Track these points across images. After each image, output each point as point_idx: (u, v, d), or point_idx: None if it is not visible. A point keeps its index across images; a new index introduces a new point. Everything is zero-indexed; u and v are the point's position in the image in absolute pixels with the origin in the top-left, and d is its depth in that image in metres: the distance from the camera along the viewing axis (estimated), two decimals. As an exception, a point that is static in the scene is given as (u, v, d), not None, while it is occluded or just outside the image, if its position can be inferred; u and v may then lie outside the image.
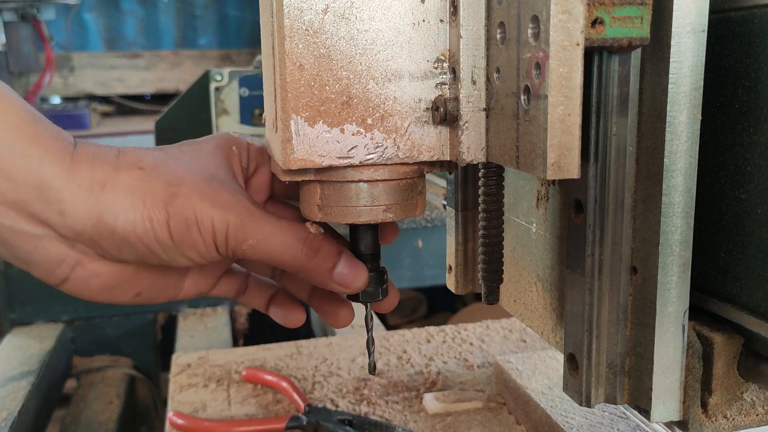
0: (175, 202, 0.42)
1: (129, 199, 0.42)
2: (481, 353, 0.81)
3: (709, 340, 0.36)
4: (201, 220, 0.42)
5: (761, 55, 0.33)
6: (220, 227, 0.42)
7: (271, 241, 0.43)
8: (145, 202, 0.42)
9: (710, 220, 0.37)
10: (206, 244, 0.43)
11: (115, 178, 0.42)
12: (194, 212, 0.42)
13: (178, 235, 0.42)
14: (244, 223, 0.43)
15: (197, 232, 0.42)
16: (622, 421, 0.58)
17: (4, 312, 1.19)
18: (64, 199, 0.41)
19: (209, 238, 0.43)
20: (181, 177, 0.43)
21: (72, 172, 0.41)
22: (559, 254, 0.44)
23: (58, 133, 0.43)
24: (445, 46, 0.39)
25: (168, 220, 0.42)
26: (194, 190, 0.43)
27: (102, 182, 0.42)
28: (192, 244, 0.43)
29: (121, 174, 0.42)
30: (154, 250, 0.43)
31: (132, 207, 0.41)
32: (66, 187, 0.41)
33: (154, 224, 0.42)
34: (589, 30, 0.32)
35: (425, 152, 0.41)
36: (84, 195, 0.41)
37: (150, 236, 0.42)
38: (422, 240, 1.27)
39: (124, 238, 0.42)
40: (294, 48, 0.38)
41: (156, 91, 3.03)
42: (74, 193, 0.41)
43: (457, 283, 0.57)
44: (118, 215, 0.41)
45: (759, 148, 0.34)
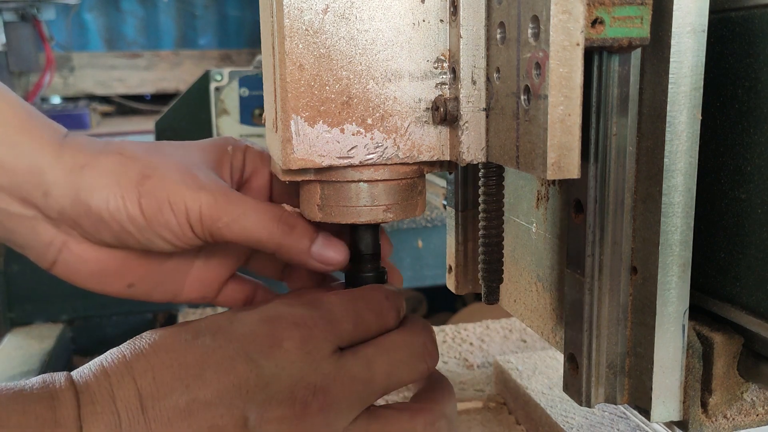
0: (147, 182, 0.43)
1: (105, 179, 0.43)
2: (481, 353, 0.81)
3: (709, 340, 0.36)
4: (173, 200, 0.43)
5: (761, 55, 0.33)
6: (193, 206, 0.43)
7: (246, 219, 0.44)
8: (119, 182, 0.43)
9: (710, 220, 0.37)
10: (180, 224, 0.43)
11: (96, 160, 0.43)
12: (167, 193, 0.43)
13: (150, 214, 0.43)
14: (217, 202, 0.43)
15: (170, 212, 0.43)
16: (622, 421, 0.58)
17: (4, 312, 1.18)
18: (49, 180, 0.43)
19: (183, 218, 0.43)
20: (158, 163, 0.44)
21: (58, 157, 0.43)
22: (559, 254, 0.44)
23: (50, 125, 0.45)
24: (445, 46, 0.39)
25: (139, 199, 0.43)
26: (169, 173, 0.44)
27: (82, 164, 0.43)
28: (165, 223, 0.43)
29: (102, 158, 0.44)
30: (128, 229, 0.44)
31: (106, 186, 0.43)
32: (51, 170, 0.43)
33: (126, 202, 0.43)
34: (589, 30, 0.32)
35: (425, 152, 0.41)
36: (65, 175, 0.43)
37: (122, 214, 0.43)
38: (422, 240, 1.27)
39: (98, 216, 0.43)
40: (294, 48, 0.38)
41: (156, 91, 3.03)
42: (57, 175, 0.43)
43: (457, 283, 0.57)
44: (92, 193, 0.43)
45: (759, 148, 0.34)
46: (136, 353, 0.38)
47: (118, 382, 0.37)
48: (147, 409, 0.36)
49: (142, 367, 0.37)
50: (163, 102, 2.67)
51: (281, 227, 0.44)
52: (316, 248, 0.45)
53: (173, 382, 0.37)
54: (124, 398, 0.36)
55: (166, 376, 0.37)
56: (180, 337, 0.39)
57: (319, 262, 0.45)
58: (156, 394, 0.36)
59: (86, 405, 0.35)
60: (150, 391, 0.36)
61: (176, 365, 0.37)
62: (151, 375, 0.37)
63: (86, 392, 0.36)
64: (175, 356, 0.38)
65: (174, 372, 0.37)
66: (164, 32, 3.12)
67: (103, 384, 0.36)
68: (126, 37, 3.07)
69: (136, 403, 0.36)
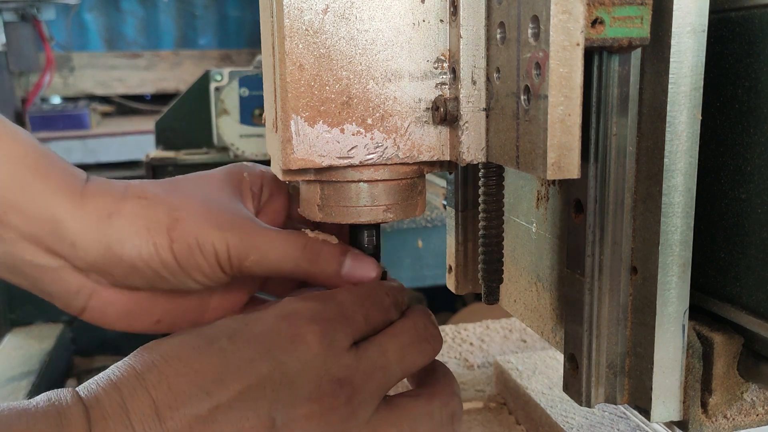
0: (177, 226, 0.43)
1: (134, 227, 0.43)
2: (481, 353, 0.81)
3: (709, 340, 0.36)
4: (202, 243, 0.43)
5: (761, 55, 0.33)
6: (221, 248, 0.43)
7: (271, 253, 0.44)
8: (149, 228, 0.43)
9: (710, 220, 0.37)
10: (210, 266, 0.43)
11: (121, 208, 0.43)
12: (195, 236, 0.43)
13: (182, 259, 0.43)
14: (242, 241, 0.43)
15: (200, 255, 0.43)
16: (622, 421, 0.58)
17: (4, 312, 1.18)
18: (75, 231, 0.42)
19: (212, 260, 0.43)
20: (182, 203, 0.44)
21: (82, 206, 0.43)
22: (559, 254, 0.44)
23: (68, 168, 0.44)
24: (445, 46, 0.39)
25: (171, 245, 0.43)
26: (194, 214, 0.44)
27: (109, 213, 0.43)
28: (197, 266, 0.43)
29: (127, 204, 0.43)
30: (162, 275, 0.44)
31: (137, 234, 0.43)
32: (76, 220, 0.42)
33: (159, 249, 0.43)
34: (589, 30, 0.32)
35: (425, 152, 0.41)
36: (92, 226, 0.42)
37: (155, 261, 0.43)
38: (422, 240, 1.27)
39: (131, 265, 0.43)
40: (294, 48, 0.38)
41: (156, 91, 3.03)
42: (83, 225, 0.42)
43: (457, 283, 0.57)
44: (124, 243, 0.42)
45: (759, 148, 0.34)
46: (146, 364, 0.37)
47: (130, 394, 0.35)
48: (165, 419, 0.35)
49: (155, 378, 0.36)
50: (163, 102, 2.67)
51: (307, 257, 0.44)
52: (346, 270, 0.45)
53: (191, 390, 0.36)
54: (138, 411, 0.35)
55: (183, 384, 0.36)
56: (192, 345, 0.38)
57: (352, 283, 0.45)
58: (173, 404, 0.35)
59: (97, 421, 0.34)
60: (166, 400, 0.35)
61: (192, 373, 0.36)
62: (166, 385, 0.35)
63: (96, 407, 0.35)
64: (190, 364, 0.37)
65: (191, 380, 0.36)
66: (164, 32, 3.12)
67: (114, 398, 0.35)
68: (126, 37, 3.07)
69: (152, 414, 0.35)
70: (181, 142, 1.61)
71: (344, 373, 0.38)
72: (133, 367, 0.37)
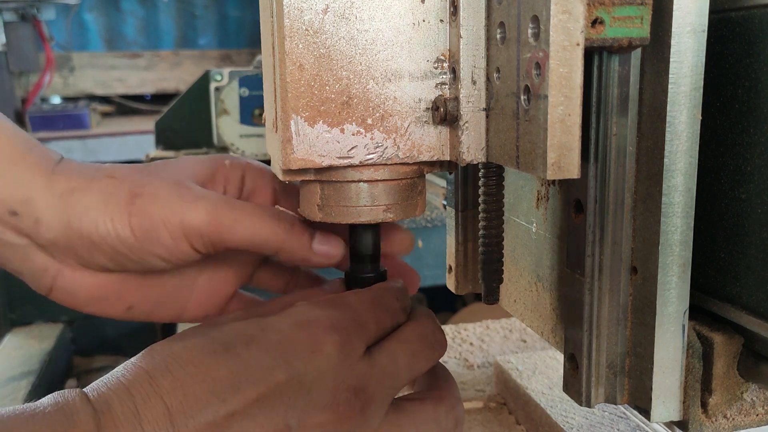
0: (136, 201, 0.43)
1: (93, 202, 0.43)
2: (481, 353, 0.81)
3: (709, 340, 0.36)
4: (167, 216, 0.43)
5: (761, 55, 0.33)
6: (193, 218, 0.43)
7: (248, 220, 0.44)
8: (107, 203, 0.43)
9: (710, 220, 0.37)
10: (174, 239, 0.43)
11: (86, 185, 0.43)
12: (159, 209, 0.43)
13: (141, 233, 0.43)
14: (217, 208, 0.43)
15: (163, 228, 0.43)
16: (622, 421, 0.58)
17: (4, 312, 1.18)
18: (39, 208, 0.42)
19: (177, 233, 0.43)
20: (147, 181, 0.44)
21: (50, 183, 0.43)
22: (559, 254, 0.44)
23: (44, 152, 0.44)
24: (445, 46, 0.39)
25: (129, 218, 0.43)
26: (160, 189, 0.43)
27: (72, 189, 0.43)
28: (157, 240, 0.43)
29: (93, 182, 0.43)
30: (120, 250, 0.43)
31: (95, 208, 0.43)
32: (42, 197, 0.42)
33: (116, 223, 0.43)
34: (589, 30, 0.32)
35: (425, 152, 0.41)
36: (55, 203, 0.43)
37: (112, 236, 0.43)
38: (422, 240, 1.27)
39: (90, 240, 0.43)
40: (294, 48, 0.38)
41: (156, 91, 3.03)
42: (48, 202, 0.42)
43: (457, 283, 0.57)
44: (81, 217, 0.42)
45: (759, 148, 0.34)
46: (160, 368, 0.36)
47: (143, 401, 0.34)
48: (179, 427, 0.34)
49: (169, 384, 0.35)
50: (163, 102, 2.67)
51: (282, 225, 0.45)
52: (315, 244, 0.46)
53: (207, 397, 0.35)
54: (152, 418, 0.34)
55: (198, 391, 0.35)
56: (207, 349, 0.37)
57: (320, 257, 0.46)
58: (188, 411, 0.34)
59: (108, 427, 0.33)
60: (181, 407, 0.34)
61: (208, 380, 0.35)
62: (181, 392, 0.35)
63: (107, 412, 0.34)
64: (205, 370, 0.36)
65: (207, 387, 0.35)
66: (164, 32, 3.12)
67: (126, 403, 0.34)
68: (126, 37, 3.07)
69: (166, 422, 0.34)
70: (181, 142, 1.61)
71: (359, 382, 0.38)
72: (145, 370, 0.36)
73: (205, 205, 0.43)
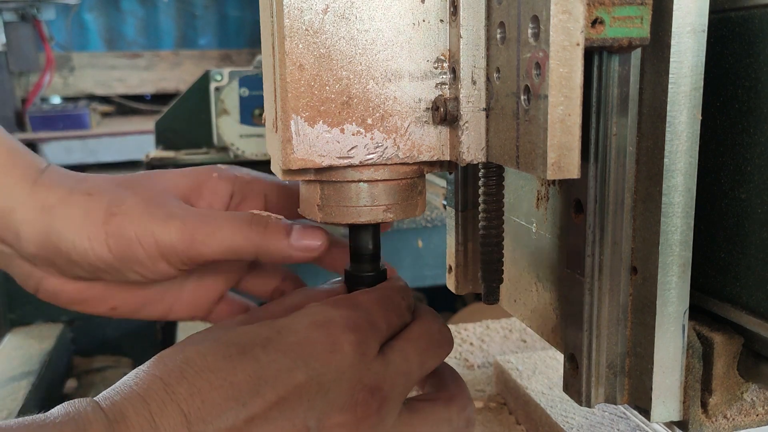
0: (112, 220, 0.43)
1: (70, 220, 0.43)
2: (481, 353, 0.81)
3: (709, 340, 0.36)
4: (141, 235, 0.43)
5: (761, 55, 0.33)
6: (164, 237, 0.43)
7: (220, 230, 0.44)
8: (84, 222, 0.43)
9: (710, 220, 0.37)
10: (150, 258, 0.44)
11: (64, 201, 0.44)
12: (134, 229, 0.43)
13: (118, 252, 0.43)
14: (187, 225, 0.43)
15: (139, 247, 0.43)
16: (622, 421, 0.58)
17: (4, 312, 1.18)
18: (19, 220, 0.43)
19: (153, 251, 0.43)
20: (123, 199, 0.44)
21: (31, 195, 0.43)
22: (559, 254, 0.44)
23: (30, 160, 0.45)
24: (445, 46, 0.39)
25: (106, 239, 0.43)
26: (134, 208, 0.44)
27: (51, 205, 0.43)
28: (134, 259, 0.44)
29: (71, 198, 0.44)
30: (99, 267, 0.44)
31: (72, 227, 0.43)
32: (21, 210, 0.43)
33: (93, 243, 0.43)
34: (589, 30, 0.32)
35: (425, 152, 0.41)
36: (35, 217, 0.43)
37: (90, 255, 0.43)
38: (422, 240, 1.27)
39: (68, 257, 0.44)
40: (294, 48, 0.38)
41: (156, 91, 3.03)
42: (27, 216, 0.43)
43: (457, 283, 0.56)
44: (60, 235, 0.43)
45: (759, 148, 0.34)
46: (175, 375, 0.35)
47: (159, 409, 0.33)
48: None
49: (186, 391, 0.34)
50: (163, 102, 2.67)
51: (255, 228, 0.44)
52: (294, 240, 0.45)
53: (226, 403, 0.34)
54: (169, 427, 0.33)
55: (217, 397, 0.34)
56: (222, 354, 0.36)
57: (300, 251, 0.45)
58: (207, 417, 0.34)
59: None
60: (199, 414, 0.34)
61: (227, 385, 0.35)
62: (200, 399, 0.34)
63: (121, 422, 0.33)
64: (223, 375, 0.35)
65: (225, 392, 0.35)
66: (164, 32, 3.12)
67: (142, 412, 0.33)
68: (126, 37, 3.07)
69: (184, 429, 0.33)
70: (181, 142, 1.61)
71: (375, 381, 0.38)
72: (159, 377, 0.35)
73: (176, 224, 0.43)
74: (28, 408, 0.90)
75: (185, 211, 0.44)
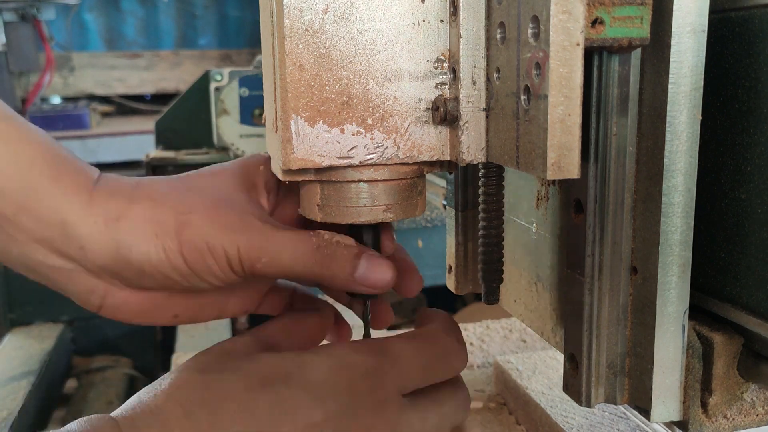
0: (185, 230, 0.43)
1: (142, 232, 0.43)
2: (481, 353, 0.81)
3: (709, 340, 0.36)
4: (212, 246, 0.43)
5: (761, 55, 0.33)
6: (232, 251, 0.43)
7: (282, 255, 0.43)
8: (157, 233, 0.43)
9: (710, 220, 0.37)
10: (221, 268, 0.43)
11: (129, 210, 0.43)
12: (205, 239, 0.43)
13: (192, 263, 0.43)
14: (252, 243, 0.43)
15: (211, 258, 0.43)
16: (622, 421, 0.58)
17: (4, 312, 1.18)
18: (83, 234, 0.42)
19: (223, 263, 0.43)
20: (191, 204, 0.44)
21: (90, 208, 0.43)
22: (559, 254, 0.44)
23: (81, 169, 0.44)
24: (445, 46, 0.39)
25: (181, 249, 0.43)
26: (203, 216, 0.43)
27: (116, 216, 0.43)
28: (208, 269, 0.43)
29: (135, 206, 0.43)
30: (173, 278, 0.44)
31: (145, 239, 0.43)
32: (84, 223, 0.42)
33: (169, 254, 0.43)
34: (589, 30, 0.32)
35: (425, 152, 0.40)
36: (101, 229, 0.42)
37: (165, 266, 0.43)
38: (422, 240, 1.27)
39: (140, 269, 0.43)
40: (294, 48, 0.38)
41: (156, 91, 3.03)
42: (92, 229, 0.42)
43: (457, 283, 0.56)
44: (132, 248, 0.42)
45: (759, 148, 0.34)
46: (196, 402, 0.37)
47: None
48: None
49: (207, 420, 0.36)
50: (163, 102, 2.67)
51: (319, 258, 0.43)
52: (360, 273, 0.44)
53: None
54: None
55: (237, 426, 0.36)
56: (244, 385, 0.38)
57: (365, 286, 0.44)
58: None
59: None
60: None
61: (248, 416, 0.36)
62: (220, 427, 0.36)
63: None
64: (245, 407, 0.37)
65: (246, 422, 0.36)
66: (164, 32, 3.12)
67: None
68: (126, 37, 3.07)
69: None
70: (181, 142, 1.61)
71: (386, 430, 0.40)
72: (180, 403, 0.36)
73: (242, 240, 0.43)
74: (27, 407, 0.90)
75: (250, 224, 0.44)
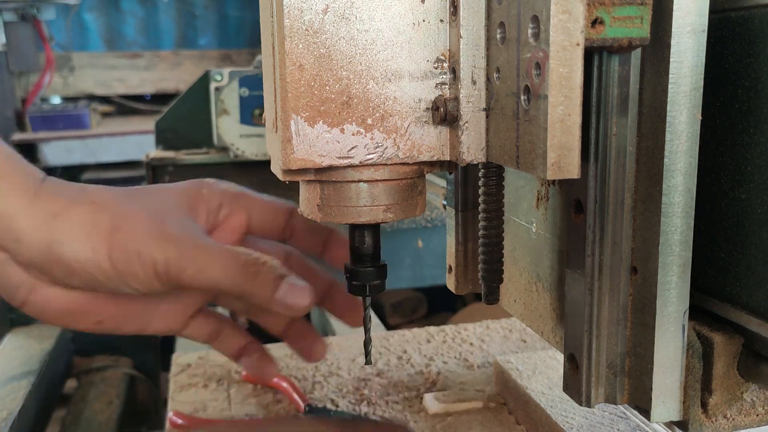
0: (118, 234, 0.44)
1: (75, 230, 0.44)
2: (481, 353, 0.81)
3: (709, 340, 0.36)
4: (142, 252, 0.44)
5: (761, 55, 0.33)
6: (160, 259, 0.44)
7: (210, 268, 0.45)
8: (89, 233, 0.44)
9: (710, 220, 0.37)
10: (146, 275, 0.45)
11: (68, 210, 0.45)
12: (136, 245, 0.44)
13: (119, 266, 0.44)
14: (183, 254, 0.45)
15: (138, 263, 0.44)
16: (622, 421, 0.58)
17: (4, 312, 1.18)
18: (21, 228, 0.44)
19: (149, 269, 0.44)
20: (129, 213, 0.46)
21: (32, 204, 0.44)
22: (559, 254, 0.44)
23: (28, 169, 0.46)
24: (445, 46, 0.39)
25: (110, 251, 0.44)
26: (138, 224, 0.45)
27: (55, 214, 0.44)
28: (133, 274, 0.45)
29: (75, 207, 0.45)
30: (98, 278, 0.45)
31: (77, 237, 0.44)
32: (24, 217, 0.44)
33: (97, 254, 0.44)
34: (589, 30, 0.32)
35: (425, 152, 0.41)
36: (38, 224, 0.44)
37: (92, 265, 0.44)
38: (422, 240, 1.27)
39: (69, 266, 0.44)
40: (294, 48, 0.38)
41: (156, 91, 3.03)
42: (30, 223, 0.44)
43: (457, 283, 0.57)
44: (63, 244, 0.44)
45: (759, 148, 0.34)
46: None
47: None
48: None
49: None
50: (163, 102, 2.67)
51: (244, 275, 0.45)
52: (280, 295, 0.45)
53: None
54: None
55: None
56: None
57: (283, 308, 0.46)
58: None
59: None
60: None
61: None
62: None
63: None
64: None
65: None
66: (164, 32, 3.12)
67: None
68: (126, 37, 3.07)
69: None
70: (181, 142, 1.61)
71: None
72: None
73: (172, 249, 0.45)
74: (28, 407, 0.90)
75: (184, 236, 0.46)
